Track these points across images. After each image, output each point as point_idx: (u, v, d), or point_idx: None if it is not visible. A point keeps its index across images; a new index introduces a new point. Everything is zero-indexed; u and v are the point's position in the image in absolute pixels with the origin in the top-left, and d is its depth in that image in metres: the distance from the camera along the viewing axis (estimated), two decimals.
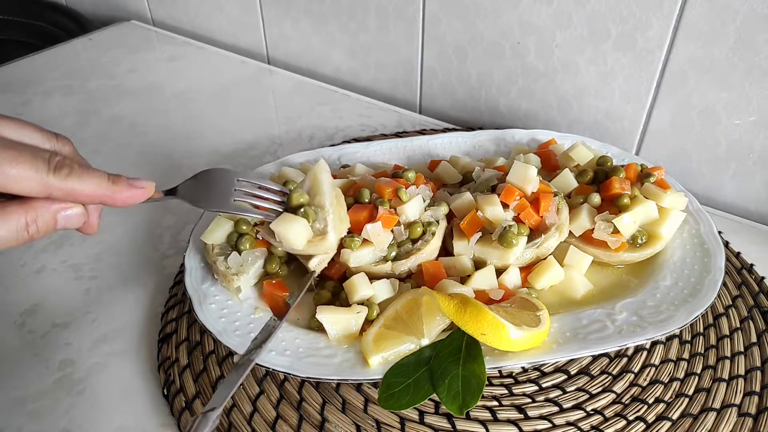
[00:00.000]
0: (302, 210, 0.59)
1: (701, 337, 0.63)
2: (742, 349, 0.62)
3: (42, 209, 0.42)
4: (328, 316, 0.58)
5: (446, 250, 0.67)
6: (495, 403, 0.58)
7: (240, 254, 0.63)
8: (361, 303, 0.60)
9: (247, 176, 0.57)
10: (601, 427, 0.55)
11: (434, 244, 0.64)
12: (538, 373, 0.60)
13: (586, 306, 0.62)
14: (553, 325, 0.58)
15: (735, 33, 0.74)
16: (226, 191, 0.55)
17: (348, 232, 0.64)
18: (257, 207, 0.57)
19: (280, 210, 0.58)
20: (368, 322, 0.59)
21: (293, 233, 0.57)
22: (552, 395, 0.58)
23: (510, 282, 0.63)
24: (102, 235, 0.79)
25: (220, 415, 0.49)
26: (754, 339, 0.63)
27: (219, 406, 0.47)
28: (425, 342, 0.57)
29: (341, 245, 0.63)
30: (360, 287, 0.60)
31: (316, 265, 0.62)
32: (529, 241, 0.64)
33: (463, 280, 0.62)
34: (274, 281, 0.63)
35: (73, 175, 0.42)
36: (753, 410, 0.57)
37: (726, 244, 0.75)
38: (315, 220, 0.59)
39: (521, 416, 0.56)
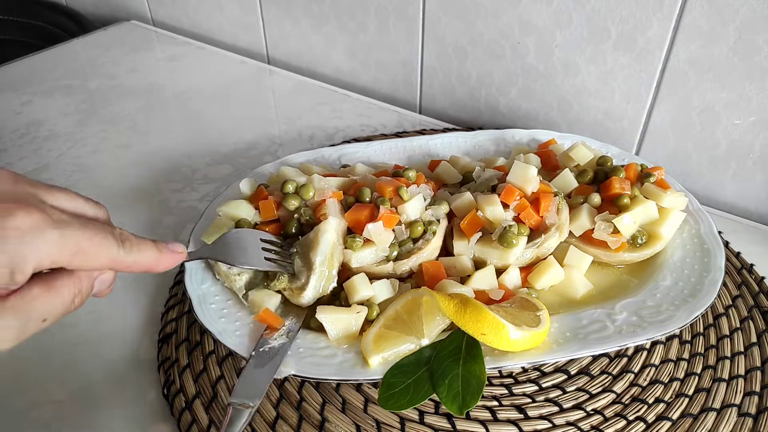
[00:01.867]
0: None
1: (701, 337, 0.63)
2: (742, 349, 0.62)
3: (86, 278, 0.42)
4: (328, 316, 0.58)
5: (446, 250, 0.67)
6: (495, 403, 0.58)
7: None
8: (361, 303, 0.60)
9: (267, 236, 0.63)
10: (601, 427, 0.55)
11: (435, 243, 0.64)
12: (538, 373, 0.60)
13: (586, 306, 0.62)
14: (553, 325, 0.58)
15: (735, 33, 0.74)
16: (257, 250, 0.60)
17: (349, 233, 0.64)
18: (277, 261, 0.62)
19: (292, 262, 0.62)
20: (368, 322, 0.59)
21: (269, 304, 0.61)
22: (552, 395, 0.58)
23: (510, 282, 0.63)
24: None
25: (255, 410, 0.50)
26: (754, 339, 0.63)
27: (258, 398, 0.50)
28: (425, 342, 0.57)
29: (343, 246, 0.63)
30: (360, 287, 0.60)
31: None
32: (529, 241, 0.64)
33: (463, 280, 0.62)
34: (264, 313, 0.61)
35: (134, 248, 0.42)
36: (753, 410, 0.57)
37: (726, 244, 0.75)
38: (300, 273, 0.61)
39: (521, 416, 0.56)
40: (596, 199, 0.67)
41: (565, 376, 0.59)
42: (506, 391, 0.58)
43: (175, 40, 1.31)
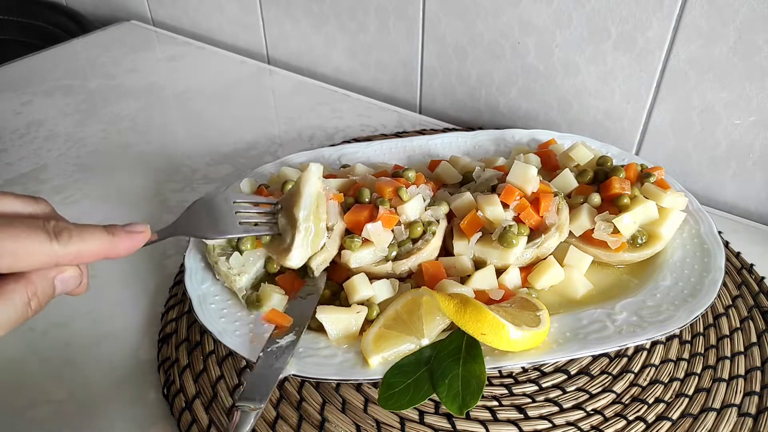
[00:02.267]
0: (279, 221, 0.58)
1: (701, 337, 0.63)
2: (742, 349, 0.62)
3: (40, 280, 0.40)
4: (328, 316, 0.58)
5: (446, 250, 0.67)
6: (495, 403, 0.58)
7: (241, 254, 0.63)
8: (361, 303, 0.60)
9: (241, 197, 0.57)
10: (601, 427, 0.55)
11: (435, 243, 0.64)
12: (538, 373, 0.60)
13: (586, 306, 0.62)
14: (553, 325, 0.58)
15: (735, 33, 0.74)
16: (230, 216, 0.55)
17: (347, 233, 0.64)
18: (257, 224, 0.58)
19: (276, 221, 0.58)
20: (368, 322, 0.59)
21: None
22: (552, 395, 0.58)
23: (510, 282, 0.63)
24: None
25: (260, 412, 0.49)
26: (754, 339, 0.63)
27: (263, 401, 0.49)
28: (425, 342, 0.57)
29: (341, 246, 0.63)
30: (360, 287, 0.60)
31: (317, 266, 0.62)
32: (529, 241, 0.64)
33: (463, 280, 0.62)
34: (285, 276, 0.63)
35: (75, 237, 0.40)
36: (753, 410, 0.57)
37: (726, 244, 0.75)
38: (285, 233, 0.56)
39: (521, 416, 0.56)
40: (596, 199, 0.67)
41: (565, 376, 0.59)
42: (506, 391, 0.58)
43: (175, 40, 1.31)
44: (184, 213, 0.54)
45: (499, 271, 0.63)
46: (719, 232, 0.68)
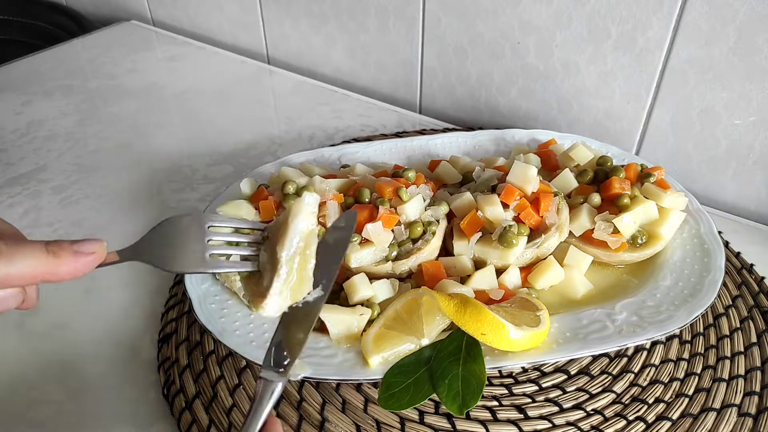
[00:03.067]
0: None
1: (701, 337, 0.63)
2: (742, 349, 0.62)
3: None
4: (330, 315, 0.58)
5: (446, 250, 0.67)
6: (495, 403, 0.58)
7: None
8: (361, 303, 0.60)
9: (219, 219, 0.48)
10: (601, 427, 0.55)
11: (435, 243, 0.64)
12: (538, 373, 0.60)
13: (586, 306, 0.62)
14: (553, 325, 0.58)
15: (735, 33, 0.74)
16: (199, 245, 0.45)
17: None
18: (230, 257, 0.49)
19: (257, 254, 0.49)
20: (368, 322, 0.59)
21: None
22: (552, 395, 0.58)
23: (510, 282, 0.63)
24: (102, 235, 0.78)
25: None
26: (754, 339, 0.63)
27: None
28: (425, 342, 0.57)
29: None
30: (360, 287, 0.60)
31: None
32: (529, 241, 0.64)
33: (463, 280, 0.62)
34: None
35: (2, 259, 0.34)
36: (753, 410, 0.57)
37: (726, 244, 0.75)
38: (265, 271, 0.47)
39: (521, 416, 0.56)
40: (596, 199, 0.67)
41: (565, 376, 0.59)
42: (506, 391, 0.58)
43: (175, 40, 1.31)
44: (149, 234, 0.45)
45: (499, 271, 0.63)
46: (719, 232, 0.68)
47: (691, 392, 0.58)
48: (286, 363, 0.41)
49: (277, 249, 0.46)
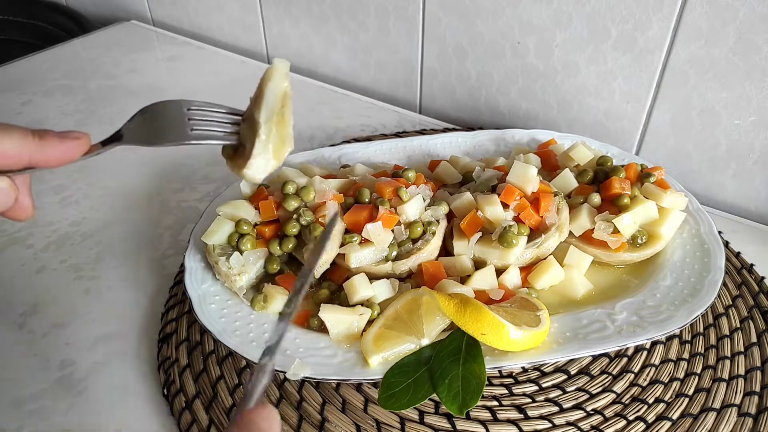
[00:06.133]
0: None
1: (701, 337, 0.63)
2: (742, 349, 0.62)
3: None
4: (330, 315, 0.58)
5: (446, 250, 0.67)
6: (495, 403, 0.58)
7: (242, 254, 0.63)
8: (361, 303, 0.60)
9: (197, 102, 0.49)
10: (601, 427, 0.55)
11: (435, 243, 0.64)
12: (538, 373, 0.60)
13: (586, 306, 0.62)
14: (553, 325, 0.58)
15: (735, 33, 0.74)
16: (181, 122, 0.47)
17: (347, 232, 0.64)
18: (216, 132, 0.49)
19: (237, 131, 0.49)
20: (368, 322, 0.59)
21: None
22: (552, 395, 0.58)
23: (510, 282, 0.63)
24: (102, 235, 0.79)
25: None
26: (754, 339, 0.63)
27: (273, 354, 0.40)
28: (425, 342, 0.57)
29: (341, 243, 0.63)
30: (360, 288, 0.60)
31: (317, 268, 0.62)
32: (529, 241, 0.64)
33: (463, 280, 0.62)
34: (285, 276, 0.64)
35: None
36: (753, 410, 0.57)
37: (726, 244, 0.75)
38: (246, 144, 0.48)
39: (521, 416, 0.56)
40: (596, 199, 0.67)
41: (565, 376, 0.59)
42: (506, 391, 0.58)
43: (175, 40, 1.31)
44: (130, 120, 0.48)
45: (499, 271, 0.63)
46: (719, 232, 0.68)
47: (691, 392, 0.58)
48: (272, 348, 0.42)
49: (255, 115, 0.47)
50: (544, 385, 0.59)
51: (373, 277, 0.62)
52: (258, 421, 0.34)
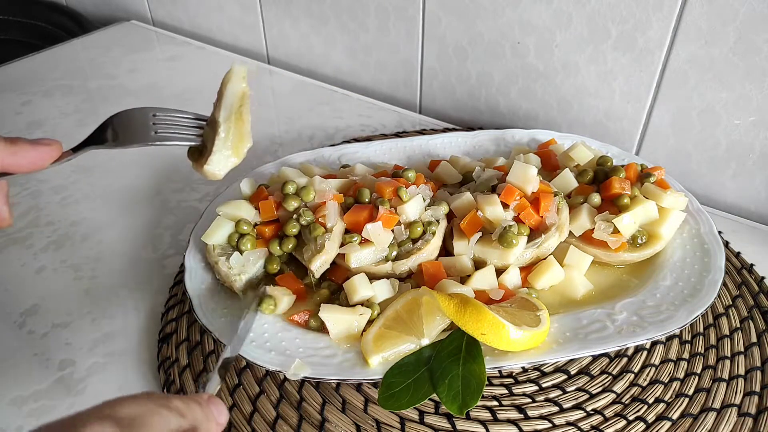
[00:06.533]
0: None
1: (701, 337, 0.63)
2: (742, 349, 0.62)
3: None
4: (331, 315, 0.58)
5: (446, 250, 0.67)
6: (495, 403, 0.58)
7: (242, 254, 0.63)
8: (361, 303, 0.60)
9: (162, 108, 0.53)
10: (601, 427, 0.55)
11: (435, 243, 0.64)
12: (538, 373, 0.60)
13: (586, 306, 0.62)
14: (553, 325, 0.58)
15: (735, 33, 0.74)
16: (146, 126, 0.51)
17: (347, 232, 0.64)
18: (178, 134, 0.52)
19: (200, 134, 0.53)
20: (368, 322, 0.59)
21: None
22: (552, 395, 0.58)
23: (510, 282, 0.63)
24: (102, 235, 0.79)
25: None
26: (754, 339, 0.63)
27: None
28: (425, 342, 0.57)
29: (341, 243, 0.63)
30: (360, 288, 0.60)
31: (317, 267, 0.62)
32: (529, 241, 0.64)
33: (463, 280, 0.62)
34: (285, 276, 0.64)
35: None
36: (753, 410, 0.57)
37: (726, 244, 0.75)
38: (208, 143, 0.51)
39: (521, 416, 0.56)
40: (596, 199, 0.67)
41: (565, 376, 0.59)
42: (506, 391, 0.58)
43: (175, 40, 1.31)
44: (99, 127, 0.51)
45: (499, 271, 0.63)
46: (719, 232, 0.68)
47: (691, 392, 0.58)
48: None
49: (215, 116, 0.50)
50: (544, 385, 0.59)
51: (373, 277, 0.62)
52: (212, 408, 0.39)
